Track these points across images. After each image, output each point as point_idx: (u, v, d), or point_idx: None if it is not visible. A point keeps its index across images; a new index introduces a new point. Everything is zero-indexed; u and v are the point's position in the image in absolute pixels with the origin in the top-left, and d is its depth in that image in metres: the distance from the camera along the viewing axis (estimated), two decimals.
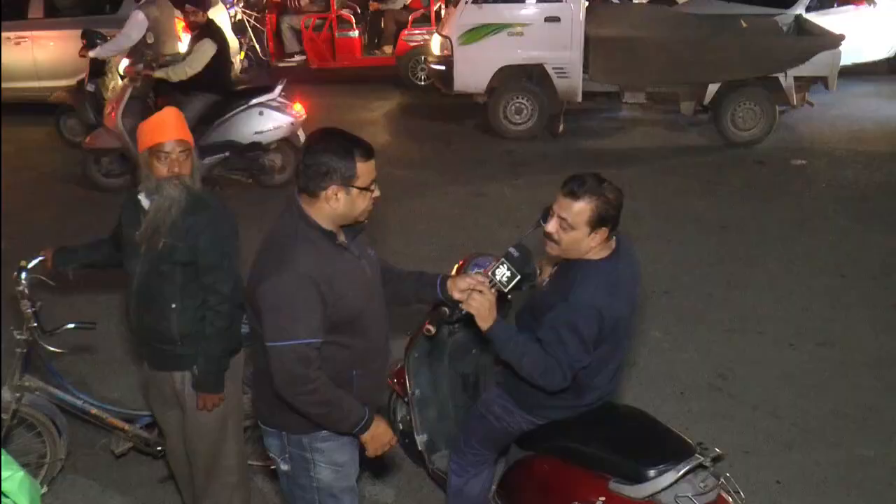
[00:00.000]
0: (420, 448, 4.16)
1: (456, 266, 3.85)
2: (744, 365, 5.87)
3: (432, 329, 3.38)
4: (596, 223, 3.19)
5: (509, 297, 3.85)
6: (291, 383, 2.93)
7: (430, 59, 11.58)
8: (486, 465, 3.81)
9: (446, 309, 3.36)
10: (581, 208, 3.18)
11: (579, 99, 10.99)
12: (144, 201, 3.65)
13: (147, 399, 4.22)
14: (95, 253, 4.02)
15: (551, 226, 3.26)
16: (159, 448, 4.51)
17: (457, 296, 3.29)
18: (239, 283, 3.69)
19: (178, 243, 3.57)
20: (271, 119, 8.74)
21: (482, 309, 3.18)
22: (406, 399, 4.19)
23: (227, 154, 8.67)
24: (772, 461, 4.87)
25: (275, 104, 8.81)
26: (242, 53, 13.61)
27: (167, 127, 3.58)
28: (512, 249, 3.26)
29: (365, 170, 2.95)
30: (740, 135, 11.02)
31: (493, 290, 3.22)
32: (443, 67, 11.08)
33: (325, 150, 2.92)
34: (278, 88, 8.87)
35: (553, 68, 10.83)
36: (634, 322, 3.46)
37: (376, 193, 3.04)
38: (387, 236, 7.84)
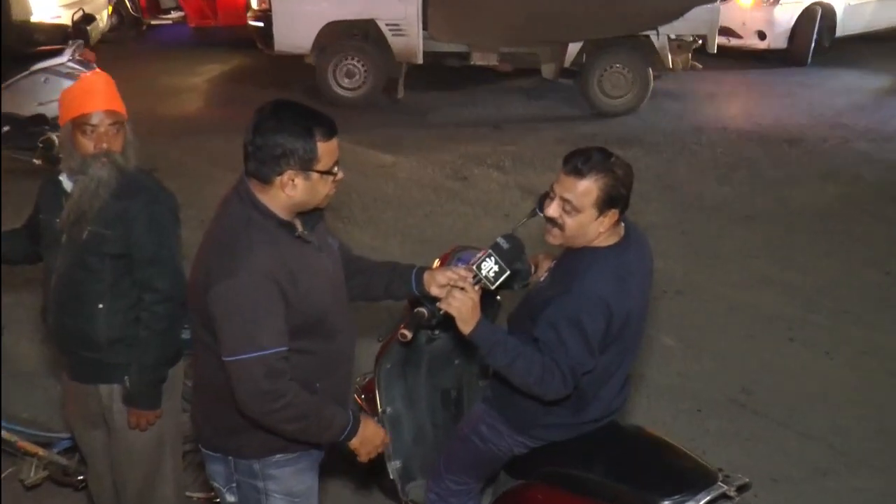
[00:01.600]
0: (392, 476, 4.15)
1: (437, 260, 3.86)
2: (771, 377, 5.94)
3: (408, 334, 3.36)
4: (604, 204, 3.20)
5: (498, 297, 3.87)
6: (260, 401, 2.93)
7: (249, 14, 11.64)
8: (469, 495, 3.79)
9: (424, 310, 3.35)
10: (587, 188, 3.18)
11: (419, 60, 11.07)
12: (66, 183, 3.61)
13: (67, 418, 4.18)
14: (5, 247, 3.90)
15: (553, 209, 3.25)
16: (80, 477, 4.47)
17: (434, 292, 3.29)
18: (180, 279, 3.66)
19: (106, 231, 3.52)
20: (59, 87, 8.10)
21: (463, 308, 3.14)
22: (376, 418, 4.19)
23: (6, 128, 8.29)
24: (804, 489, 4.92)
25: (64, 70, 8.55)
26: (110, 8, 13.60)
27: (95, 95, 3.53)
28: (501, 240, 3.26)
29: (327, 150, 2.94)
30: (610, 103, 11.20)
31: (477, 288, 3.22)
32: (261, 24, 11.14)
33: (279, 128, 2.90)
34: (69, 51, 8.67)
35: (387, 25, 10.87)
36: (644, 326, 3.48)
37: (339, 176, 3.05)
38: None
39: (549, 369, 3.15)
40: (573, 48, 10.92)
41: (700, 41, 11.02)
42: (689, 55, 11.17)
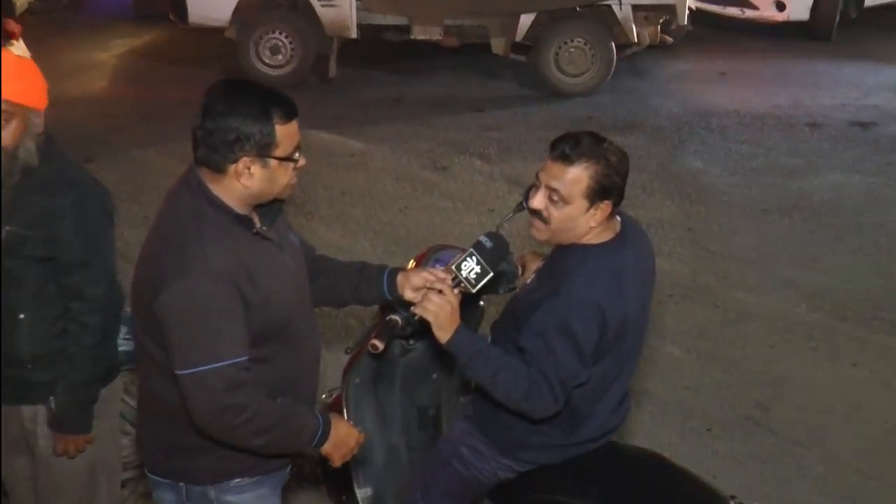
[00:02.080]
0: None
1: (412, 260, 3.88)
2: (790, 391, 5.97)
3: (379, 345, 3.37)
4: (596, 195, 3.22)
5: (481, 302, 3.89)
6: (221, 417, 2.94)
7: None
8: None
9: (397, 317, 3.37)
10: (576, 176, 3.20)
11: (353, 34, 11.12)
12: None
13: None
14: None
15: (538, 200, 3.27)
16: None
17: (408, 295, 3.31)
18: (114, 285, 3.66)
19: (28, 232, 3.46)
20: None
21: (441, 313, 3.17)
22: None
23: None
24: None
25: None
26: None
27: None
28: (484, 238, 3.28)
29: (286, 134, 2.96)
30: (568, 82, 11.29)
31: (456, 291, 3.24)
32: None
33: (232, 110, 2.91)
34: None
35: None
36: (644, 333, 3.51)
37: (301, 162, 3.06)
38: None
39: (537, 382, 3.17)
40: (525, 20, 10.96)
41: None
42: (658, 27, 11.27)
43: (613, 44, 11.20)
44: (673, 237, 7.81)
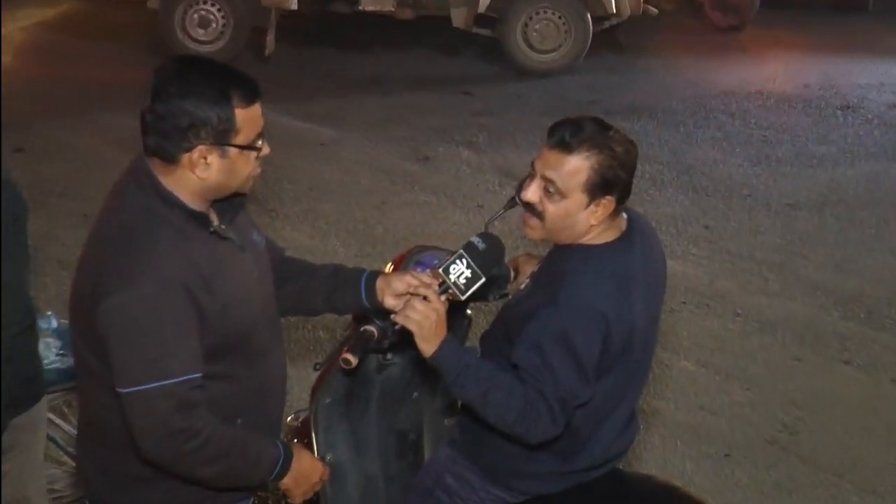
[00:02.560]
0: None
1: (390, 263, 3.88)
2: (819, 410, 5.99)
3: (353, 360, 3.36)
4: (597, 189, 3.22)
5: (468, 311, 3.89)
6: (170, 442, 2.94)
7: None
8: None
9: (374, 328, 3.37)
10: (576, 166, 3.20)
11: (293, 5, 11.20)
12: None
13: None
14: None
15: (531, 192, 3.27)
16: None
17: (389, 303, 3.31)
18: (23, 299, 3.61)
19: None
20: None
21: (425, 323, 3.14)
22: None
23: None
24: None
25: None
26: None
27: None
28: (476, 239, 3.28)
29: (248, 119, 2.96)
30: (537, 59, 11.43)
31: (443, 298, 3.23)
32: None
33: (186, 91, 2.91)
34: None
35: None
36: (654, 346, 3.52)
37: (265, 151, 3.06)
38: None
39: (533, 402, 3.17)
40: None
41: None
42: None
43: (589, 15, 11.22)
44: (687, 236, 7.86)
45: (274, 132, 3.17)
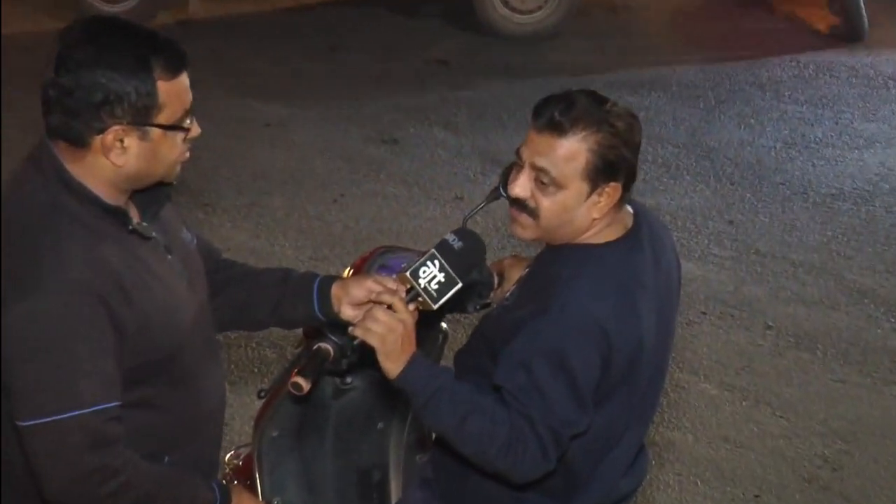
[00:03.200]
0: None
1: (350, 267, 3.90)
2: (867, 442, 6.00)
3: (304, 384, 3.35)
4: (599, 175, 3.22)
5: (443, 325, 3.91)
6: (82, 485, 2.92)
7: None
8: None
9: (329, 345, 3.37)
10: (571, 150, 3.19)
11: None
12: None
13: None
14: None
15: (520, 185, 3.27)
16: None
17: (347, 314, 3.33)
18: None
19: None
20: None
21: (389, 337, 3.13)
22: None
23: None
24: None
25: None
26: None
27: None
28: (451, 237, 3.29)
29: (173, 93, 2.96)
30: (515, 21, 11.53)
31: (412, 307, 3.23)
32: None
33: (98, 60, 2.90)
34: None
35: None
36: (666, 365, 3.54)
37: (195, 131, 3.07)
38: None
39: (520, 432, 3.17)
40: None
41: None
42: None
43: None
44: (707, 233, 7.90)
45: (207, 110, 3.18)
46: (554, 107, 3.22)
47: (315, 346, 3.33)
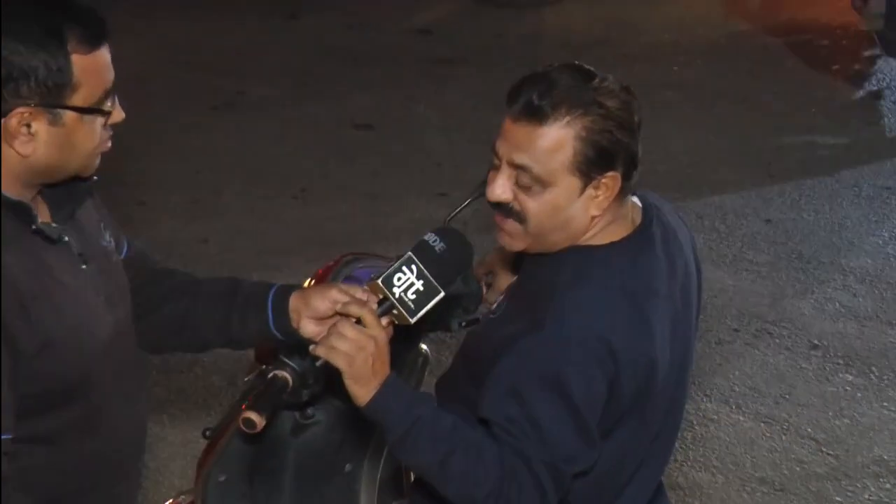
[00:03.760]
0: None
1: (310, 278, 3.91)
2: None
3: (257, 420, 3.33)
4: (592, 165, 3.21)
5: (423, 346, 3.92)
6: None
7: None
8: None
9: (286, 372, 3.35)
10: (556, 139, 3.19)
11: None
12: None
13: None
14: None
15: (498, 188, 3.27)
16: None
17: (307, 330, 3.31)
18: None
19: None
20: None
21: (358, 357, 3.10)
22: None
23: None
24: None
25: None
26: None
27: None
28: (430, 237, 3.28)
29: (90, 69, 2.96)
30: None
31: (384, 321, 3.22)
32: None
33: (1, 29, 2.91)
34: None
35: None
36: (686, 390, 3.55)
37: (117, 116, 3.05)
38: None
39: (513, 471, 3.16)
40: None
41: None
42: None
43: None
44: (740, 234, 7.92)
45: (138, 88, 3.15)
46: (531, 89, 3.21)
47: (270, 374, 3.31)
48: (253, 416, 3.19)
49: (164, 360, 3.45)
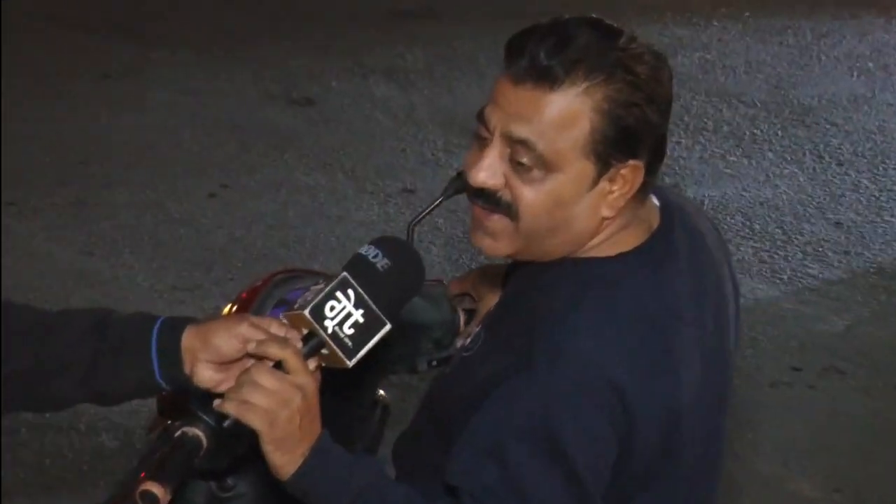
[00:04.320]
0: None
1: (230, 304, 3.94)
2: None
3: (160, 493, 3.33)
4: (610, 150, 3.20)
5: (381, 392, 3.90)
6: None
7: None
8: None
9: (198, 430, 3.31)
10: (569, 111, 3.17)
11: None
12: None
13: None
14: None
15: (486, 168, 3.23)
16: None
17: (205, 377, 3.25)
18: None
19: None
20: None
21: (280, 414, 3.08)
22: None
23: None
24: None
25: None
26: None
27: None
28: (369, 250, 3.28)
29: None
30: None
31: (313, 363, 3.21)
32: None
33: None
34: None
35: None
36: (721, 445, 3.52)
37: None
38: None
39: None
40: None
41: None
42: None
43: None
44: (801, 242, 7.95)
45: (9, 57, 3.08)
46: (539, 43, 3.16)
47: (178, 431, 3.26)
48: (154, 488, 3.15)
49: (35, 417, 3.37)
